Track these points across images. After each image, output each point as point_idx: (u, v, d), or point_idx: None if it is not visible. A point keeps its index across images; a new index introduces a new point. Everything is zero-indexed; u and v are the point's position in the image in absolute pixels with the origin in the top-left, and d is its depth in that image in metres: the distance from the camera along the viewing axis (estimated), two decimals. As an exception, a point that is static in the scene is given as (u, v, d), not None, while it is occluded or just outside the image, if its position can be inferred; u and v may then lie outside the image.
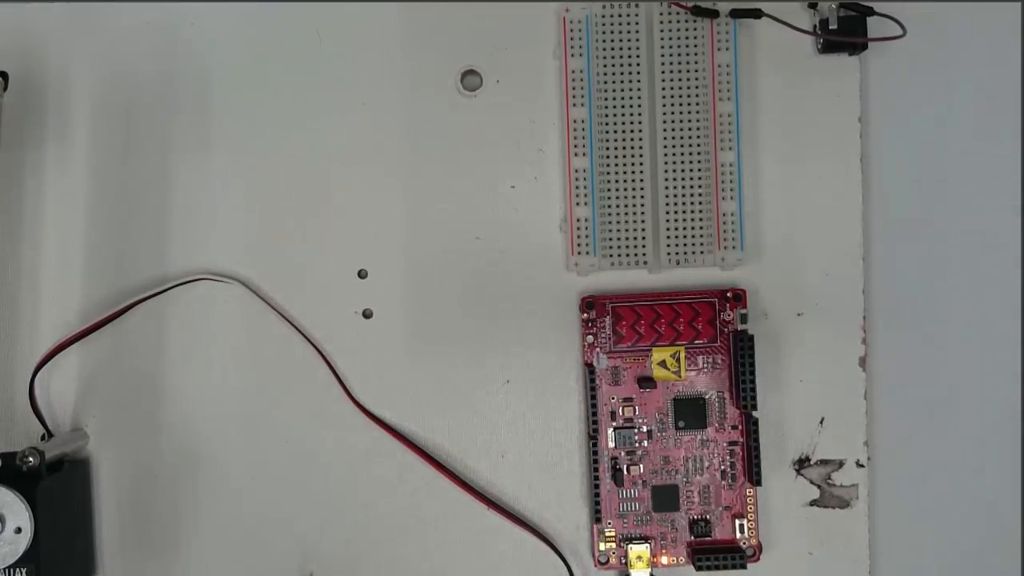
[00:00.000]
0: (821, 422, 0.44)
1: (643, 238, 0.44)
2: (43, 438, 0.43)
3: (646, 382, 0.44)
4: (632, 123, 0.44)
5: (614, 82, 0.44)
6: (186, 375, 0.44)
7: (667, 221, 0.44)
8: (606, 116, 0.44)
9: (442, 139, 0.44)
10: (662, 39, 0.44)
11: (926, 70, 0.46)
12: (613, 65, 0.44)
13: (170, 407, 0.44)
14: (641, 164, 0.44)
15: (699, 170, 0.44)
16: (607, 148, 0.44)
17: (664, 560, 0.44)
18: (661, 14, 0.44)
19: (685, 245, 0.44)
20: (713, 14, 0.43)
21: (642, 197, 0.44)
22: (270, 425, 0.44)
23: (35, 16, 0.44)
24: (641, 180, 0.44)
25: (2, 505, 0.38)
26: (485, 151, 0.44)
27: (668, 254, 0.44)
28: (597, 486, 0.43)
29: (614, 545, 0.44)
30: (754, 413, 0.43)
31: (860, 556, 0.44)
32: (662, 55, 0.44)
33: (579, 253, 0.43)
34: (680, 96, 0.44)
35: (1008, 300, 0.46)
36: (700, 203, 0.44)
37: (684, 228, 0.44)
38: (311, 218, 0.44)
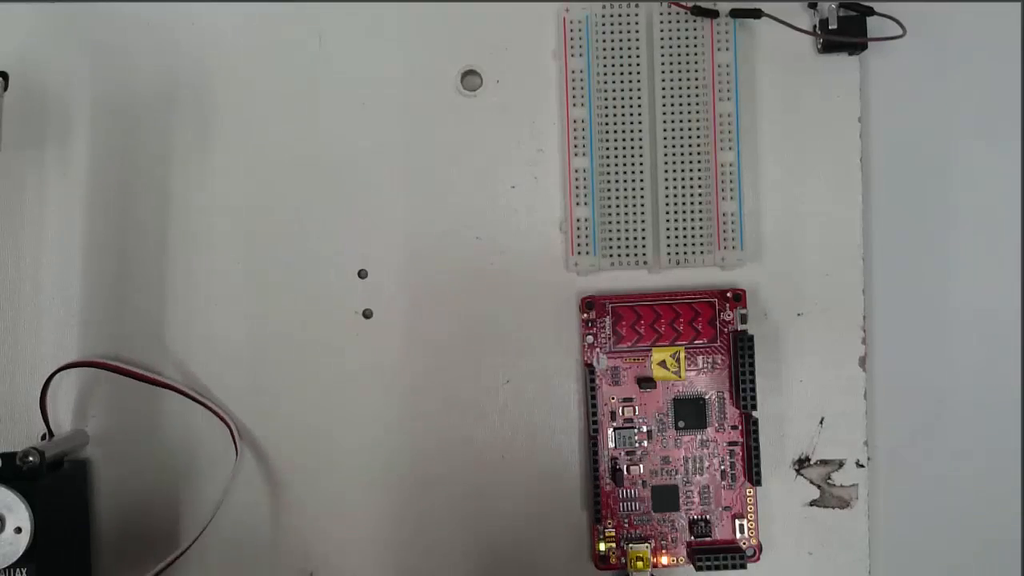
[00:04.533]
0: (821, 422, 0.44)
1: (643, 238, 0.44)
2: (43, 438, 0.43)
3: (646, 382, 0.44)
4: (632, 123, 0.44)
5: (614, 82, 0.44)
6: (186, 374, 0.44)
7: (667, 221, 0.44)
8: (606, 116, 0.44)
9: (442, 139, 0.45)
10: (662, 39, 0.44)
11: (926, 70, 0.46)
12: (613, 65, 0.44)
13: (170, 407, 0.44)
14: (641, 164, 0.44)
15: (699, 170, 0.44)
16: (607, 148, 0.44)
17: (664, 560, 0.44)
18: (661, 14, 0.44)
19: (685, 245, 0.44)
20: (713, 14, 0.43)
21: (642, 197, 0.44)
22: (269, 425, 0.44)
23: (35, 16, 0.44)
24: (641, 180, 0.44)
25: (2, 505, 0.37)
26: (485, 151, 0.44)
27: (668, 254, 0.44)
28: (597, 486, 0.43)
29: (614, 545, 0.44)
30: (754, 413, 0.43)
31: (860, 556, 0.44)
32: (662, 55, 0.44)
33: (579, 253, 0.43)
34: (680, 96, 0.44)
35: (1008, 300, 0.46)
36: (700, 203, 0.44)
37: (684, 228, 0.44)
38: (311, 218, 0.44)
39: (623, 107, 0.44)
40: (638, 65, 0.44)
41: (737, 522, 0.44)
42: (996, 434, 0.45)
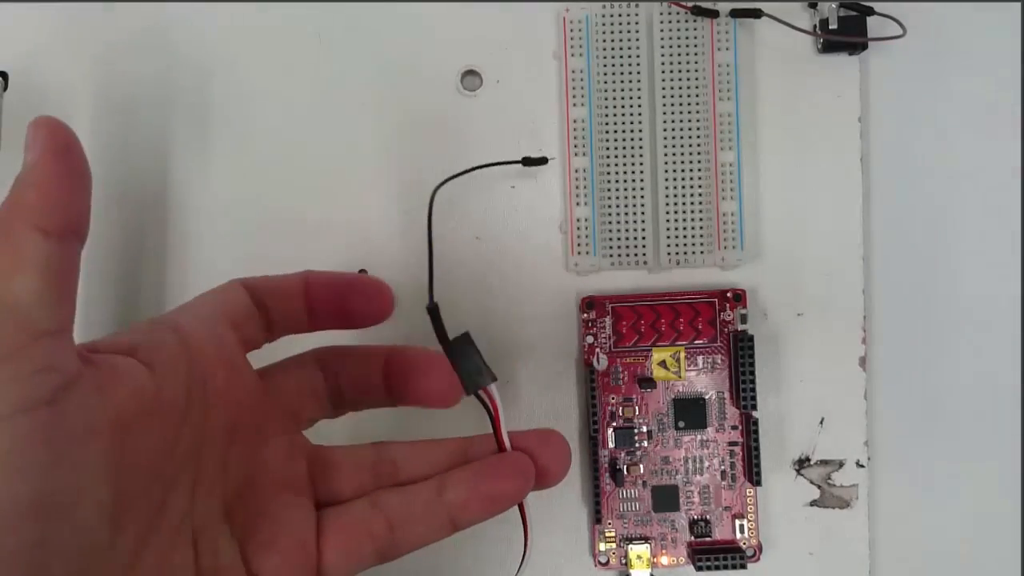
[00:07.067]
0: (821, 422, 0.44)
1: (643, 238, 0.44)
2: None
3: (646, 382, 0.44)
4: (632, 123, 0.44)
5: (614, 82, 0.44)
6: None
7: (667, 221, 0.44)
8: (606, 116, 0.44)
9: (442, 139, 0.45)
10: (662, 39, 0.44)
11: (926, 70, 0.46)
12: (613, 65, 0.44)
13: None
14: (641, 164, 0.44)
15: (699, 170, 0.44)
16: (607, 148, 0.44)
17: (664, 560, 0.44)
18: (661, 14, 0.44)
19: (685, 245, 0.44)
20: (713, 14, 0.43)
21: (642, 197, 0.44)
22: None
23: (35, 16, 0.44)
24: (641, 180, 0.44)
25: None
26: (485, 151, 0.44)
27: (668, 254, 0.44)
28: (597, 486, 0.43)
29: (614, 545, 0.44)
30: (754, 413, 0.43)
31: (860, 556, 0.44)
32: (662, 55, 0.44)
33: (579, 253, 0.43)
34: (680, 96, 0.44)
35: (1008, 300, 0.46)
36: (700, 203, 0.44)
37: (684, 228, 0.44)
38: (311, 218, 0.44)
39: (623, 107, 0.44)
40: (638, 65, 0.44)
41: (737, 522, 0.44)
42: (996, 434, 0.45)
